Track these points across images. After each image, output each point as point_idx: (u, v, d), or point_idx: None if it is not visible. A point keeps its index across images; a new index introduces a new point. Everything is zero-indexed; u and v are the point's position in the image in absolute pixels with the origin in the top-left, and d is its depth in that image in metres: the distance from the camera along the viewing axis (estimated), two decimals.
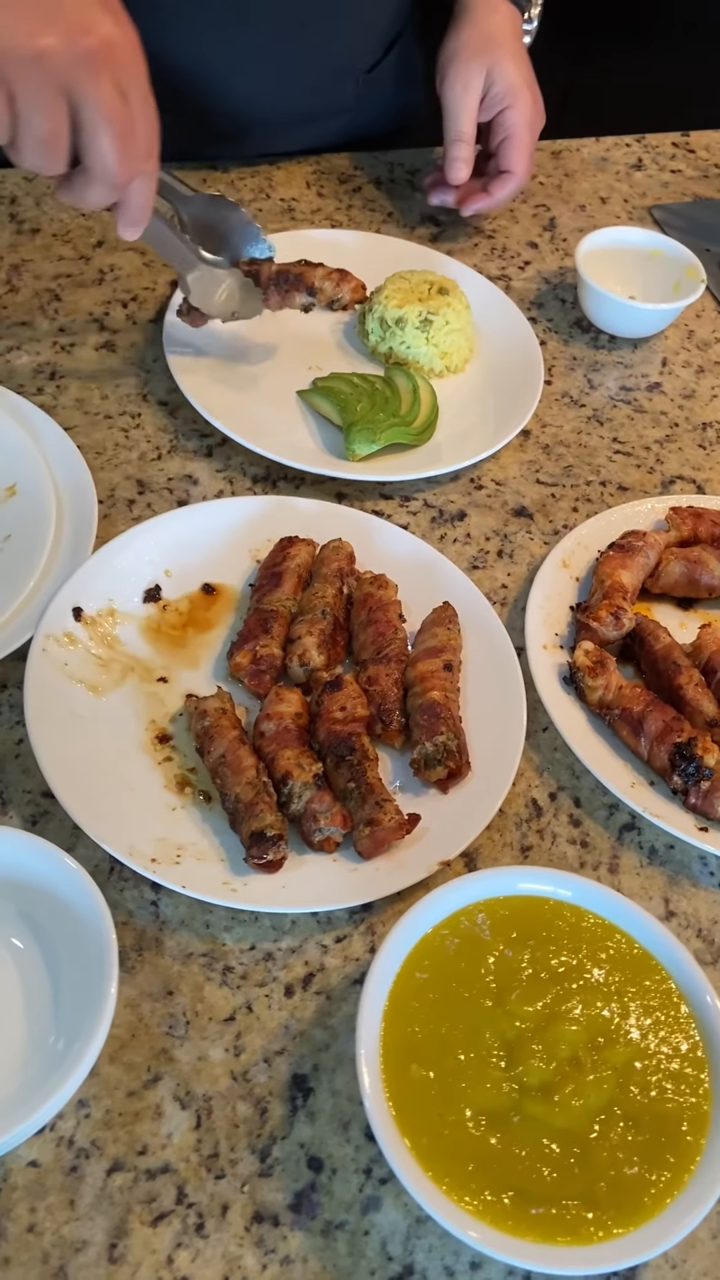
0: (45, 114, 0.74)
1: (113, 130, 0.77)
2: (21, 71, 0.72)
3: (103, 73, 0.75)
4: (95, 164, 0.78)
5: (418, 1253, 0.65)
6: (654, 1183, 0.63)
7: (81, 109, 0.75)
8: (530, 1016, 0.68)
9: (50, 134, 0.75)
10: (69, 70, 0.73)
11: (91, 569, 0.91)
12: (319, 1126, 0.69)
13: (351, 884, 0.77)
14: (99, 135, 0.76)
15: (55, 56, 0.73)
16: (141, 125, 0.80)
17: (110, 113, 0.76)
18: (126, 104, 0.77)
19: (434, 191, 1.30)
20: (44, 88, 0.73)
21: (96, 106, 0.75)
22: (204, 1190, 0.66)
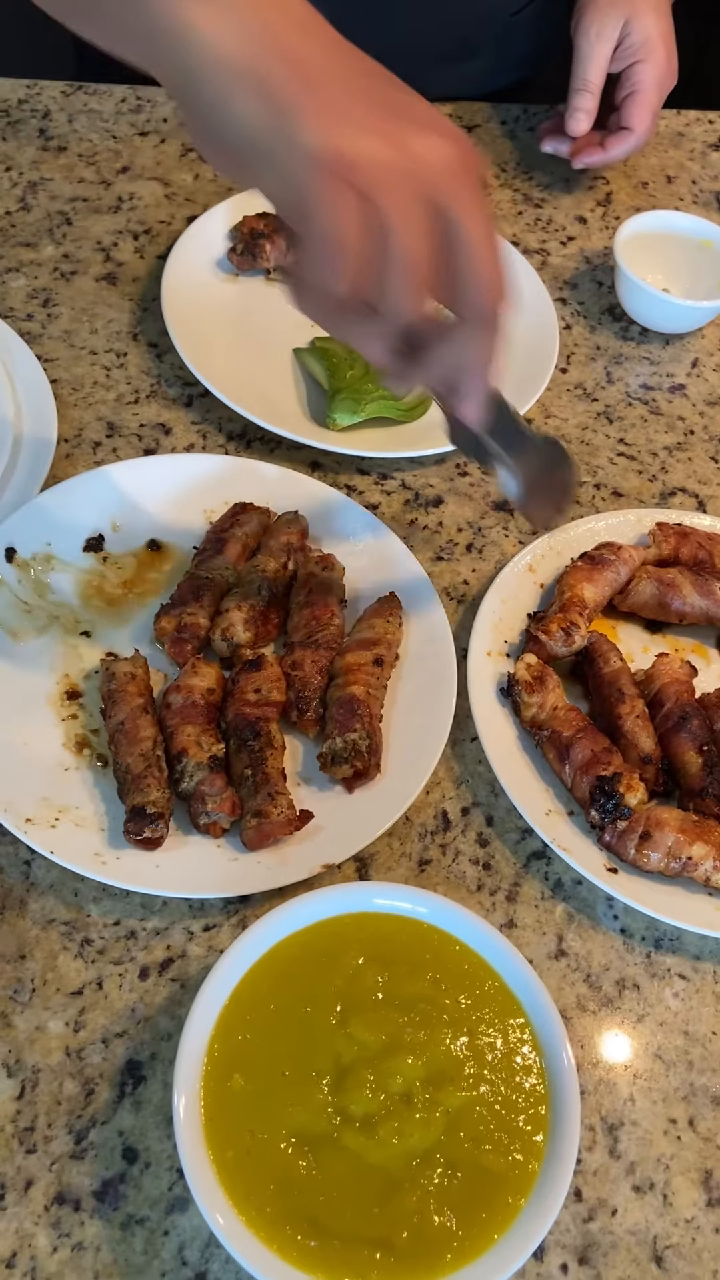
0: (416, 232, 0.54)
1: (494, 241, 0.57)
2: (387, 179, 0.53)
3: (470, 190, 0.56)
4: (475, 293, 0.58)
5: (213, 1263, 0.63)
6: (459, 1239, 0.60)
7: (458, 227, 0.56)
8: (370, 1044, 0.65)
9: (422, 260, 0.55)
10: (443, 183, 0.55)
11: (33, 510, 0.88)
12: (143, 1117, 0.67)
13: (229, 873, 0.75)
14: (483, 254, 0.57)
15: (429, 167, 0.54)
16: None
17: (491, 225, 0.57)
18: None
19: (548, 138, 1.26)
20: (413, 205, 0.54)
21: (477, 219, 0.56)
22: (12, 1162, 0.65)
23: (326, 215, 0.53)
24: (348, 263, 0.54)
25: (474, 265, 0.57)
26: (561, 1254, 0.66)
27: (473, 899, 0.78)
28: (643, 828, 0.77)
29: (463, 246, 0.57)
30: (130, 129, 1.26)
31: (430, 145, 0.55)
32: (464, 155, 0.56)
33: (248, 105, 0.54)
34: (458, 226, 0.56)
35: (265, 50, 0.54)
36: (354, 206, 0.53)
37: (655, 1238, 0.67)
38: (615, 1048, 0.73)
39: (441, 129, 0.56)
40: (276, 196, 0.56)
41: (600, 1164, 0.69)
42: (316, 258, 0.55)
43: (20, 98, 1.27)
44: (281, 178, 0.54)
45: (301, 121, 0.53)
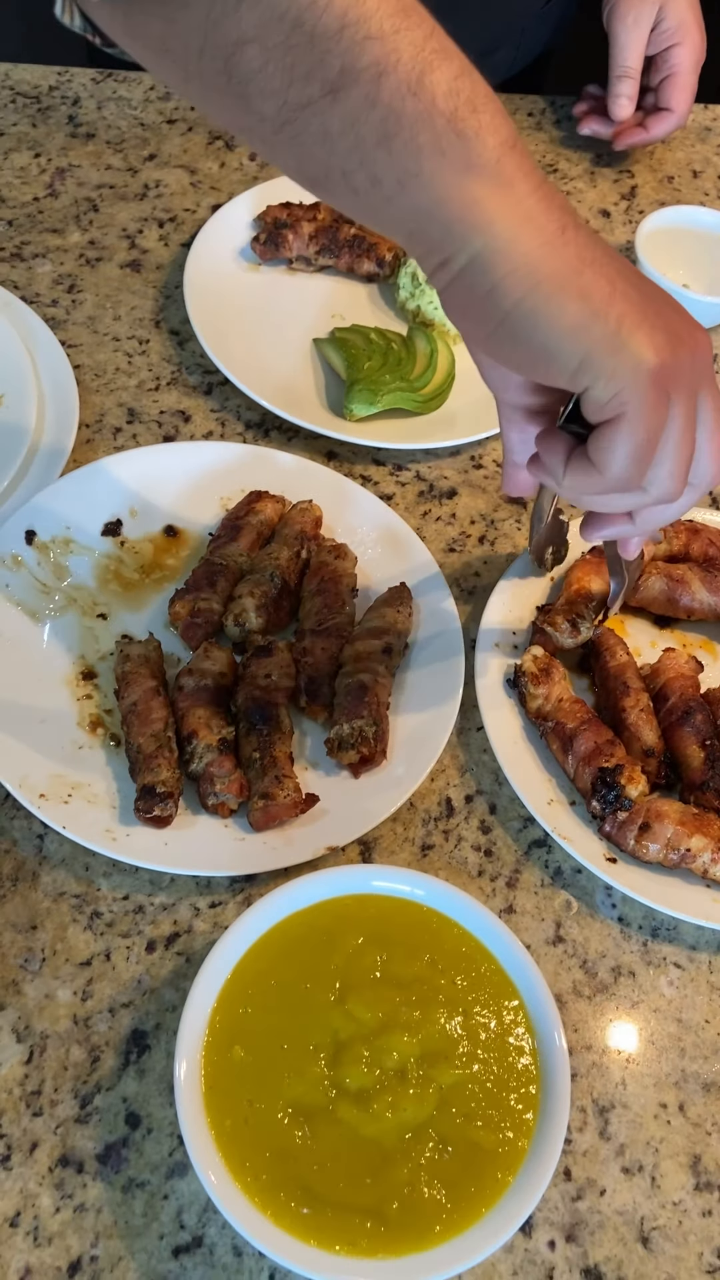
0: (690, 430, 0.61)
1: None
2: (681, 380, 0.59)
3: (713, 376, 0.63)
4: (702, 475, 0.64)
5: (210, 1228, 0.65)
6: (448, 1211, 0.62)
7: (701, 416, 0.62)
8: (367, 1021, 0.67)
9: (690, 454, 0.62)
10: (698, 374, 0.61)
11: (52, 494, 0.90)
12: (146, 1084, 0.69)
13: (235, 853, 0.77)
14: (712, 444, 0.63)
15: (695, 362, 0.60)
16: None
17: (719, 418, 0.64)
18: None
19: (587, 122, 1.29)
20: (690, 398, 0.60)
21: (714, 413, 0.63)
22: (18, 1124, 0.67)
23: (644, 418, 0.58)
24: (645, 455, 0.60)
25: (712, 448, 0.63)
26: (550, 1231, 0.67)
27: (474, 884, 0.80)
28: (643, 819, 0.79)
29: (705, 433, 0.63)
30: (158, 116, 1.27)
31: (698, 339, 0.61)
32: (710, 344, 0.62)
33: (574, 315, 0.55)
34: (706, 415, 0.62)
35: (575, 257, 0.55)
36: (663, 409, 0.59)
37: (642, 1219, 0.69)
38: (609, 1033, 0.75)
39: (691, 320, 0.62)
40: (590, 394, 0.58)
41: (590, 1145, 0.71)
42: (621, 448, 0.59)
43: (51, 84, 1.28)
44: (606, 379, 0.57)
45: (630, 333, 0.56)
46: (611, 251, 0.59)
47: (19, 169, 1.19)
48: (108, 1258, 0.64)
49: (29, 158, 1.20)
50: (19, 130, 1.22)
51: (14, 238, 1.12)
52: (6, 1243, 0.63)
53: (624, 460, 0.60)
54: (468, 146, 0.53)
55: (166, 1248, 0.64)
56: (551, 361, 0.57)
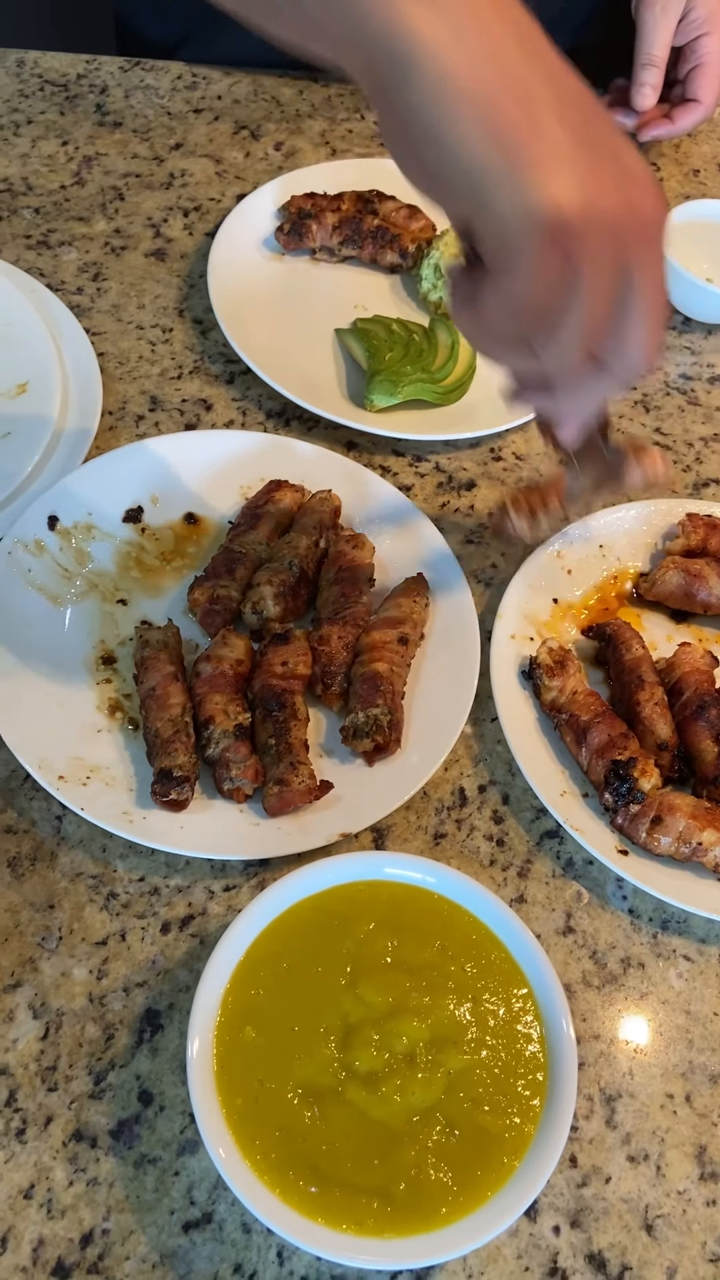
0: (604, 298, 0.55)
1: (659, 317, 0.57)
2: (596, 241, 0.52)
3: (660, 244, 0.56)
4: (625, 355, 0.58)
5: (220, 1204, 0.67)
6: (454, 1194, 0.63)
7: (633, 289, 0.55)
8: (377, 1005, 0.68)
9: (602, 325, 0.56)
10: (634, 244, 0.54)
11: (75, 480, 0.91)
12: (159, 1063, 0.71)
13: (250, 837, 0.77)
14: (641, 323, 0.57)
15: (628, 228, 0.53)
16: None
17: (661, 295, 0.57)
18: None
19: (612, 113, 1.26)
20: (610, 265, 0.54)
21: (652, 287, 0.56)
22: (34, 1099, 0.69)
23: (529, 272, 0.53)
24: (531, 314, 0.55)
25: (640, 334, 0.57)
26: (555, 1216, 0.68)
27: (485, 874, 0.81)
28: (655, 812, 0.79)
29: (634, 314, 0.56)
30: (185, 105, 1.28)
31: (636, 200, 0.53)
32: (661, 209, 0.55)
33: (472, 136, 0.50)
34: (636, 293, 0.56)
35: (495, 76, 0.50)
36: (557, 267, 0.53)
37: (647, 1207, 0.69)
38: (617, 1023, 0.75)
39: (646, 179, 0.55)
40: (477, 228, 0.53)
41: (597, 1133, 0.71)
42: (502, 299, 0.54)
43: (79, 72, 1.29)
44: (494, 218, 0.52)
45: (529, 171, 0.50)
46: (575, 97, 0.53)
47: (46, 157, 1.20)
48: (119, 1231, 0.65)
49: (56, 146, 1.21)
50: (47, 118, 1.23)
51: (40, 225, 1.13)
52: (21, 1214, 0.65)
53: (503, 318, 0.55)
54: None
55: (177, 1223, 0.66)
56: (441, 187, 0.52)
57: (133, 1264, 0.64)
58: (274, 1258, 0.65)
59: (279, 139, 1.26)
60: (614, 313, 0.56)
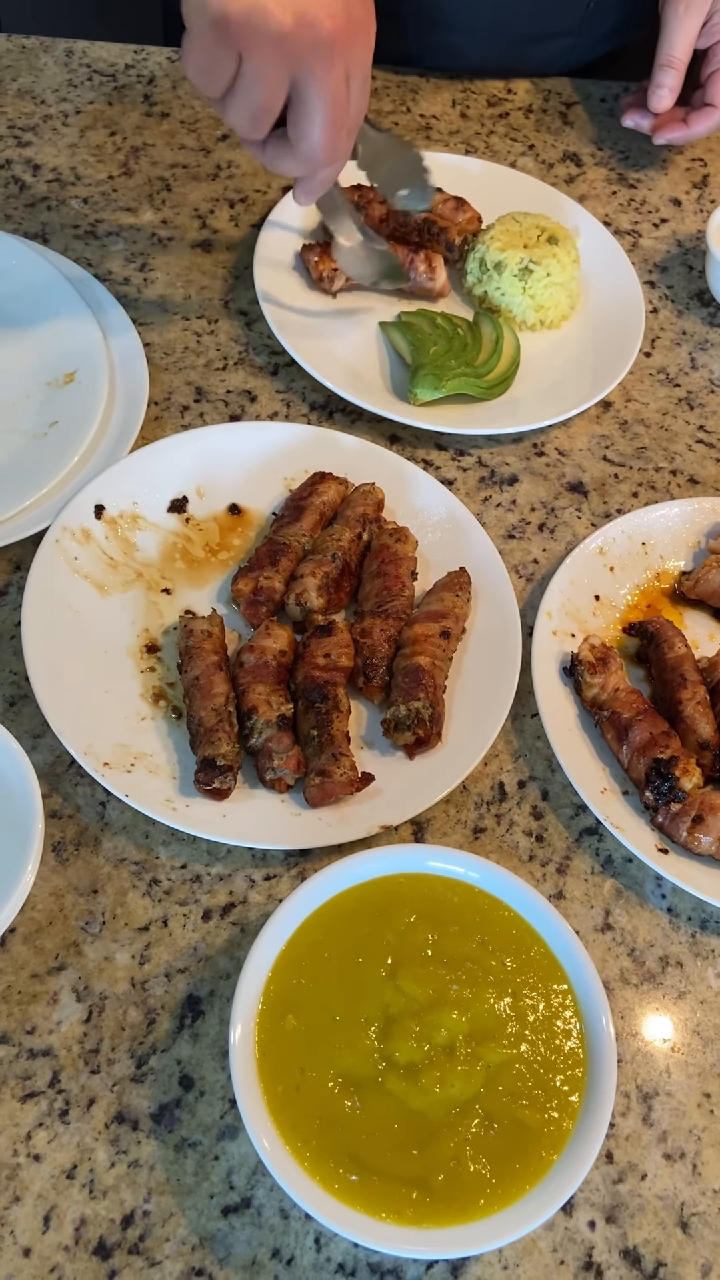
0: (265, 89, 0.75)
1: (328, 119, 0.77)
2: (257, 44, 0.72)
3: (336, 60, 0.75)
4: (301, 145, 0.79)
5: (259, 1189, 0.67)
6: (492, 1186, 0.63)
7: (303, 92, 0.75)
8: (417, 997, 0.68)
9: (263, 109, 0.76)
10: (305, 55, 0.73)
11: (121, 469, 0.92)
12: (199, 1048, 0.71)
13: (291, 828, 0.78)
14: (313, 122, 0.77)
15: (296, 40, 0.72)
16: (354, 113, 0.80)
17: (331, 103, 0.76)
18: (348, 92, 0.78)
19: (630, 113, 1.25)
20: (274, 65, 0.73)
21: (320, 95, 0.76)
22: (77, 1081, 0.69)
23: (204, 53, 0.74)
24: (201, 80, 0.76)
25: (310, 125, 0.78)
26: (590, 1211, 0.69)
27: (524, 869, 0.81)
28: (696, 811, 0.79)
29: (297, 119, 0.77)
30: None
31: (311, 18, 0.72)
32: (336, 30, 0.73)
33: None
34: (300, 102, 0.76)
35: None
36: (216, 53, 0.73)
37: (682, 1204, 0.69)
38: (655, 1021, 0.75)
39: (341, 17, 0.73)
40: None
41: (633, 1130, 0.71)
42: (185, 63, 0.76)
43: (127, 63, 1.29)
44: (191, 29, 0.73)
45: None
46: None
47: (95, 147, 1.20)
48: (159, 1213, 0.66)
49: (104, 136, 1.21)
50: (95, 108, 1.24)
51: (89, 215, 1.14)
52: (64, 1193, 0.66)
53: (192, 71, 0.75)
54: None
55: (216, 1206, 0.66)
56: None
57: (172, 1246, 0.65)
58: (311, 1244, 0.66)
59: None
60: (287, 103, 0.77)
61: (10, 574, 0.90)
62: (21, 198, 1.15)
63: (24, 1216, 0.65)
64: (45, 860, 0.77)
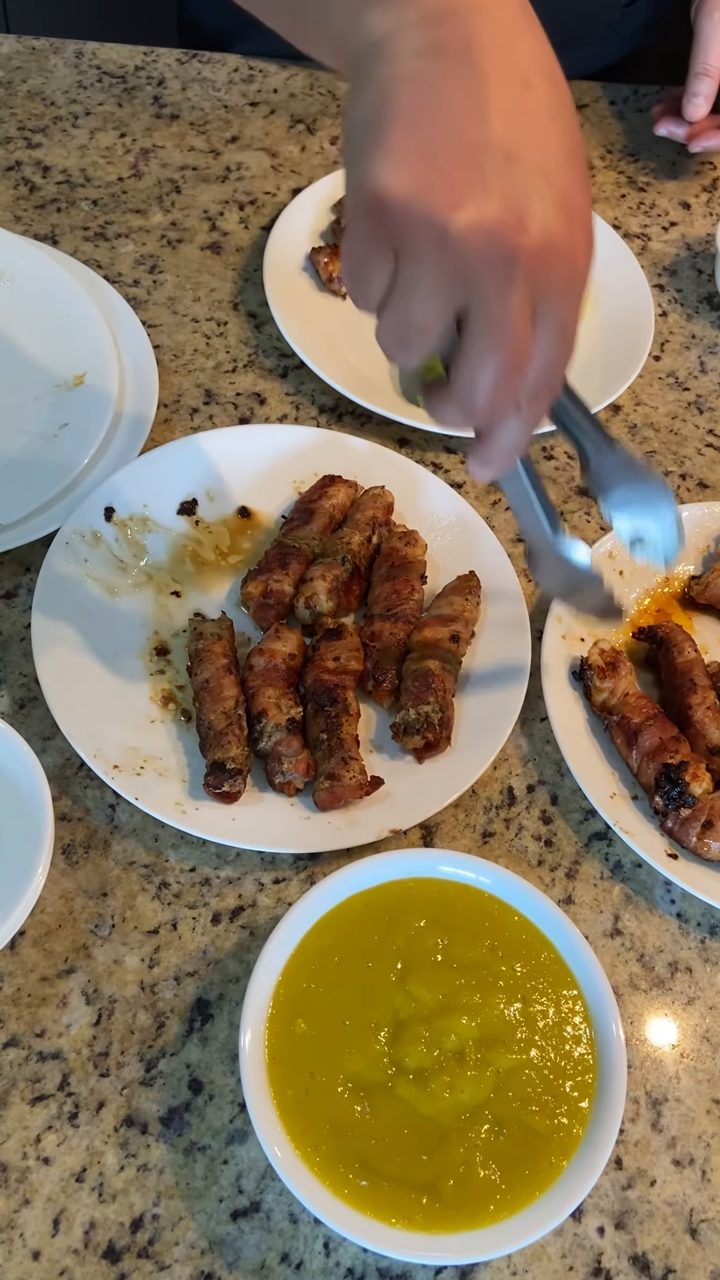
0: (420, 303, 0.54)
1: (496, 359, 0.55)
2: (416, 241, 0.52)
3: (517, 284, 0.53)
4: (459, 383, 0.56)
5: (268, 1194, 0.67)
6: (502, 1192, 0.63)
7: (469, 317, 0.54)
8: (427, 1002, 0.68)
9: (414, 329, 0.55)
10: (477, 268, 0.52)
11: (131, 472, 0.92)
12: (209, 1052, 0.71)
13: (300, 831, 0.78)
14: (476, 358, 0.55)
15: (466, 246, 0.51)
16: (541, 362, 0.57)
17: (502, 339, 0.54)
18: (529, 329, 0.55)
19: (663, 121, 1.24)
20: (435, 273, 0.53)
21: (490, 324, 0.54)
22: (86, 1084, 0.69)
23: (357, 244, 0.54)
24: (349, 270, 0.56)
25: (456, 373, 0.56)
26: (599, 1217, 0.68)
27: (533, 874, 0.81)
28: (705, 816, 0.79)
29: (459, 352, 0.55)
30: (241, 99, 1.28)
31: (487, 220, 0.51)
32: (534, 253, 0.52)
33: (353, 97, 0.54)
34: (465, 329, 0.54)
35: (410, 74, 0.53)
36: (371, 237, 0.53)
37: (692, 1210, 0.69)
38: (664, 1026, 0.75)
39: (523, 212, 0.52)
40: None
41: (642, 1136, 0.71)
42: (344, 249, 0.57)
43: (137, 64, 1.29)
44: (348, 185, 0.54)
45: (376, 151, 0.52)
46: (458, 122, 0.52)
47: (104, 148, 1.20)
48: (169, 1217, 0.66)
49: (114, 138, 1.21)
50: (105, 110, 1.24)
51: (98, 217, 1.14)
52: (73, 1197, 0.66)
53: (343, 270, 0.57)
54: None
55: (225, 1210, 0.66)
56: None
57: (182, 1250, 0.65)
58: (320, 1248, 0.66)
59: (335, 134, 1.26)
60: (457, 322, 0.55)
61: (20, 576, 0.90)
62: (31, 199, 1.15)
63: (33, 1219, 0.65)
64: (55, 863, 0.77)
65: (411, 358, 0.57)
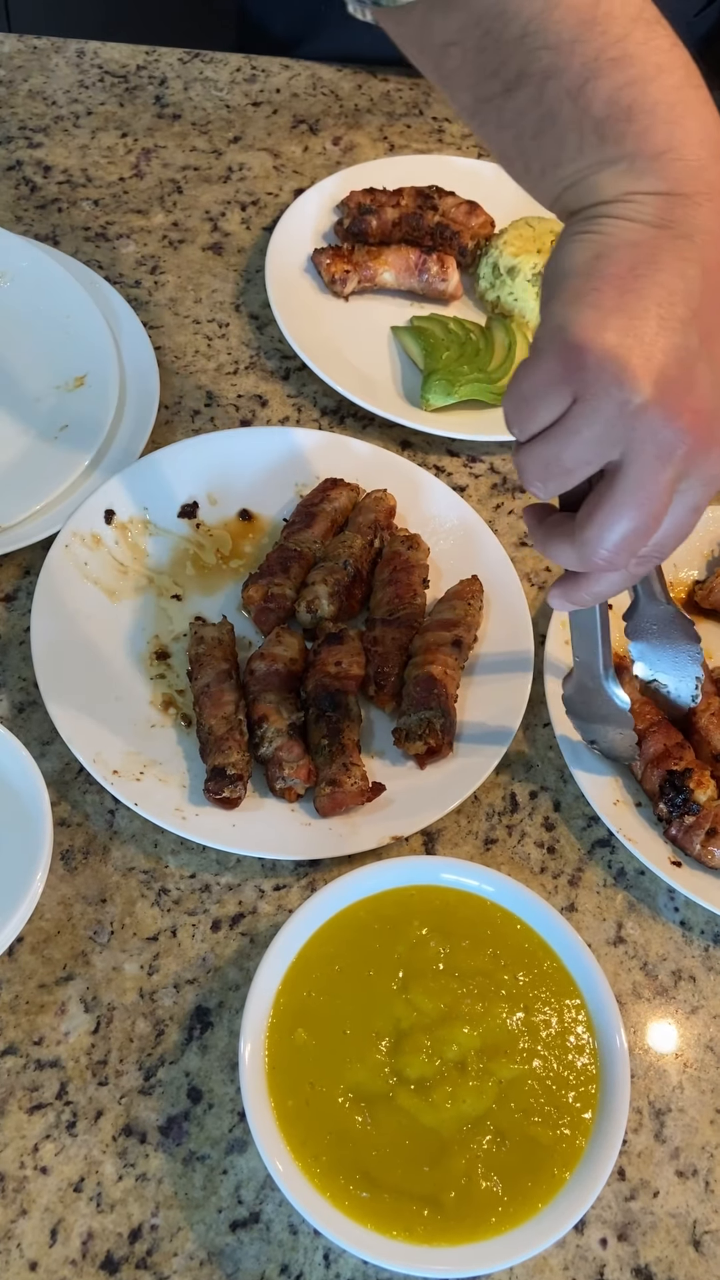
0: (582, 450, 0.58)
1: (633, 522, 0.58)
2: (599, 397, 0.55)
3: (674, 461, 0.57)
4: (584, 531, 0.60)
5: (267, 1204, 0.67)
6: (504, 1204, 0.63)
7: (619, 472, 0.58)
8: (429, 1011, 0.67)
9: (566, 468, 0.59)
10: (645, 437, 0.56)
11: (132, 474, 0.91)
12: (208, 1060, 0.71)
13: (301, 837, 0.77)
14: (615, 513, 0.58)
15: (644, 417, 0.55)
16: (666, 533, 0.61)
17: (646, 506, 0.58)
18: (670, 503, 0.59)
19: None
20: (604, 428, 0.56)
21: (640, 490, 0.57)
22: (85, 1092, 0.69)
23: (530, 366, 0.58)
24: (516, 403, 0.60)
25: (587, 519, 0.60)
26: (602, 1229, 0.68)
27: (535, 881, 0.80)
28: (710, 824, 0.78)
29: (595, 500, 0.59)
30: (243, 99, 1.27)
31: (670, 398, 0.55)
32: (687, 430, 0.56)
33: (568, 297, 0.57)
34: (610, 482, 0.58)
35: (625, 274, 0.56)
36: (559, 399, 0.57)
37: (695, 1222, 0.69)
38: (667, 1036, 0.75)
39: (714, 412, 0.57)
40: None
41: (645, 1146, 0.71)
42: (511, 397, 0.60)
43: (139, 64, 1.29)
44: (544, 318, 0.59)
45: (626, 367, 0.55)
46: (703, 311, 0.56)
47: (106, 149, 1.20)
48: (167, 1227, 0.65)
49: (116, 138, 1.21)
50: (106, 109, 1.23)
51: (100, 218, 1.13)
52: (71, 1207, 0.65)
53: (515, 396, 0.60)
54: (605, 148, 0.58)
55: (224, 1221, 0.66)
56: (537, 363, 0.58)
57: (180, 1260, 0.64)
58: (320, 1260, 0.65)
59: (337, 134, 1.26)
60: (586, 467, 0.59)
61: (20, 579, 0.89)
62: (32, 199, 1.14)
63: (31, 1230, 0.64)
64: (54, 869, 0.76)
65: (548, 488, 0.61)
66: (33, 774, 0.72)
